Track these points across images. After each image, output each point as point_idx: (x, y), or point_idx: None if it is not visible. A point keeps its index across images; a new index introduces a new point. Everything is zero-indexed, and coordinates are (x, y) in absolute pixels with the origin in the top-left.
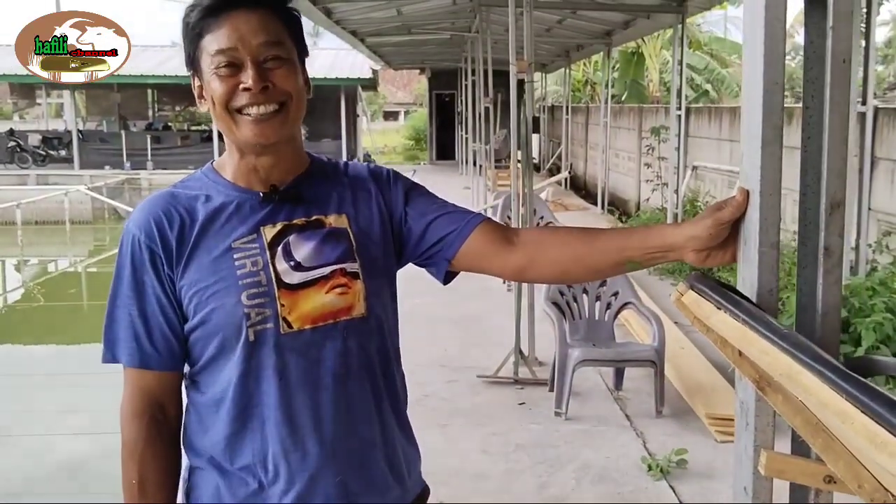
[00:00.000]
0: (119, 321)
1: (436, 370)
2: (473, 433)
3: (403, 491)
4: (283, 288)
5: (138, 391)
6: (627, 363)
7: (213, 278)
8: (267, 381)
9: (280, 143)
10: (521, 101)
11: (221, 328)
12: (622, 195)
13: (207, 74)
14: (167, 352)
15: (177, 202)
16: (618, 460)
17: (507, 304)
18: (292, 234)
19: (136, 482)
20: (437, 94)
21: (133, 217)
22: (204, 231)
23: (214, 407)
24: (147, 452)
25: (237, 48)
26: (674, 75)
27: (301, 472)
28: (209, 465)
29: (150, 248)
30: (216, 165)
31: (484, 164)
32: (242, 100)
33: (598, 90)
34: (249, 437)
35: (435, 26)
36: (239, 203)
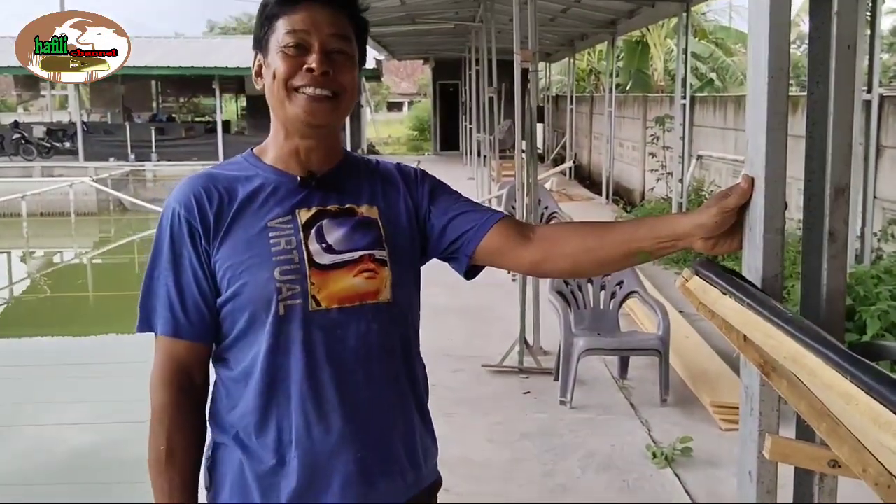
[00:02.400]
0: (156, 291)
1: (441, 360)
2: (479, 422)
3: (418, 477)
4: (314, 267)
5: (169, 360)
6: (632, 352)
7: (248, 254)
8: (294, 355)
9: (324, 129)
10: (526, 90)
11: (253, 301)
12: (627, 185)
13: (273, 52)
14: (199, 323)
15: (216, 181)
16: (622, 448)
17: (512, 295)
18: (325, 219)
19: (164, 448)
20: (441, 84)
21: (174, 193)
22: (242, 209)
23: (243, 381)
24: (175, 419)
25: (309, 32)
26: (678, 64)
27: (323, 447)
28: (233, 442)
29: (189, 223)
30: (256, 151)
31: (488, 155)
32: (302, 79)
33: (602, 80)
34: (275, 410)
35: (439, 16)
36: (276, 185)
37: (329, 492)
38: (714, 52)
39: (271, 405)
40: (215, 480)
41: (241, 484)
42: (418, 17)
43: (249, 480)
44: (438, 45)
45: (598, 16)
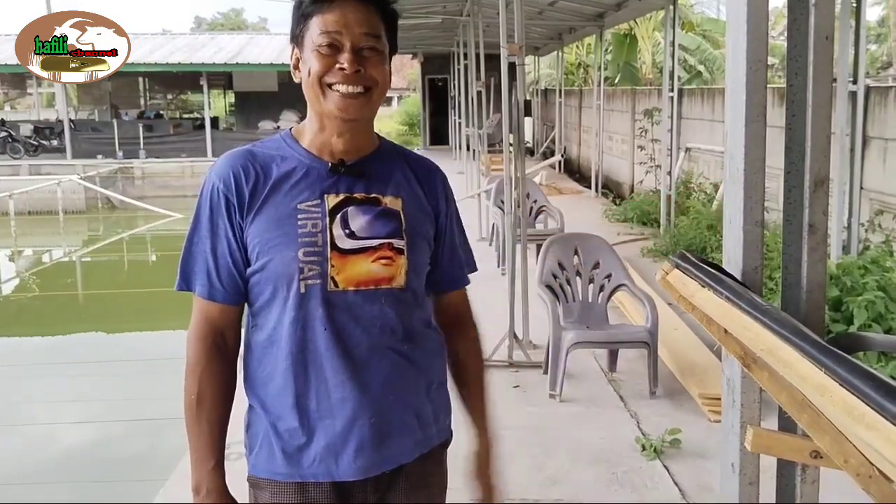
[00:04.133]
0: (195, 256)
1: None
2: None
3: (426, 436)
4: (335, 251)
5: (203, 319)
6: (620, 344)
7: (277, 232)
8: (313, 330)
9: (358, 122)
10: (513, 84)
11: (277, 277)
12: (616, 178)
13: (309, 50)
14: (232, 288)
15: (255, 159)
16: (612, 441)
17: (501, 288)
18: (351, 206)
19: (195, 397)
20: (430, 78)
21: (215, 167)
22: (275, 189)
23: (269, 348)
24: (207, 371)
25: (341, 32)
26: (666, 57)
27: (340, 414)
28: (261, 407)
29: (227, 197)
30: (294, 132)
31: (477, 149)
32: (335, 77)
33: (591, 73)
34: (297, 380)
35: (427, 10)
36: (309, 169)
37: (345, 454)
38: (702, 45)
39: (293, 375)
40: (249, 442)
41: (268, 447)
42: (405, 10)
43: (274, 444)
44: (427, 39)
45: (585, 9)
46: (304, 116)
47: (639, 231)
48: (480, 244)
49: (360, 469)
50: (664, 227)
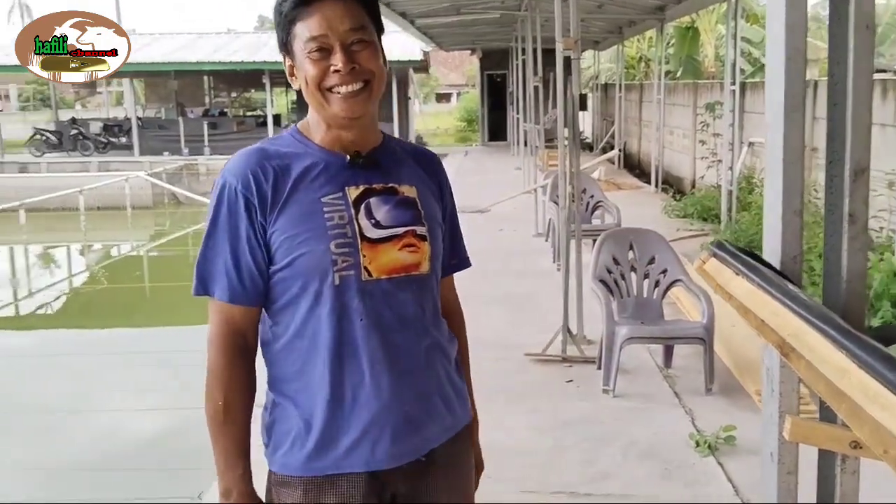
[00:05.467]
0: (213, 260)
1: (483, 348)
2: (521, 410)
3: (454, 421)
4: (365, 241)
5: (225, 323)
6: (676, 340)
7: (305, 227)
8: (348, 320)
9: (364, 118)
10: (568, 79)
11: (309, 271)
12: (677, 173)
13: (300, 57)
14: (253, 290)
15: (269, 157)
16: (665, 437)
17: (556, 283)
18: (372, 197)
19: (222, 403)
20: (489, 74)
21: (229, 168)
22: (296, 186)
23: (298, 343)
24: (232, 376)
25: (327, 35)
26: (728, 49)
27: (375, 402)
28: (291, 400)
29: (246, 197)
30: (302, 128)
31: (535, 145)
32: (333, 80)
33: (652, 67)
34: (333, 371)
35: (484, 5)
36: (326, 164)
37: (381, 442)
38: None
39: (329, 366)
40: (274, 437)
41: (300, 443)
42: (464, 7)
43: (307, 436)
44: (485, 35)
45: (646, 2)
46: None
47: (699, 227)
48: (536, 240)
49: (395, 456)
50: (725, 223)
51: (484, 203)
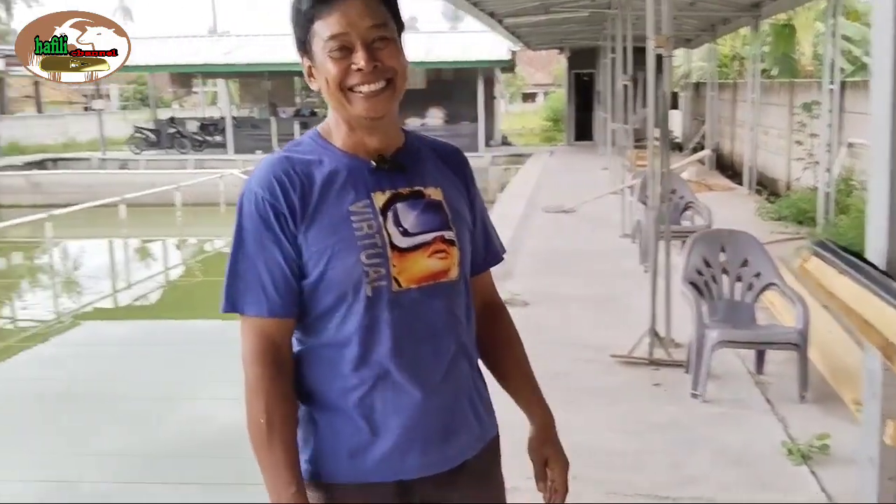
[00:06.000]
0: (243, 275)
1: (568, 349)
2: (607, 411)
3: (483, 432)
4: (394, 250)
5: (260, 337)
6: (768, 345)
7: (334, 238)
8: (380, 332)
9: (386, 117)
10: (659, 77)
11: (341, 283)
12: (771, 174)
13: (320, 57)
14: (288, 301)
15: (294, 165)
16: (756, 444)
17: (642, 285)
18: (399, 203)
19: (265, 420)
20: (576, 73)
21: (254, 178)
22: (323, 194)
23: (330, 353)
24: (271, 391)
25: (348, 33)
26: (827, 48)
27: (406, 413)
28: (322, 410)
29: (274, 207)
30: (323, 132)
31: (623, 145)
32: (355, 79)
33: (745, 65)
34: (364, 382)
35: (573, 4)
36: (350, 170)
37: (412, 452)
38: (867, 35)
39: (358, 376)
40: (303, 445)
41: (329, 450)
42: (553, 5)
43: (337, 447)
44: (573, 33)
45: None
46: (449, 113)
47: (794, 230)
48: (623, 241)
49: (425, 466)
50: (821, 226)
51: (569, 203)
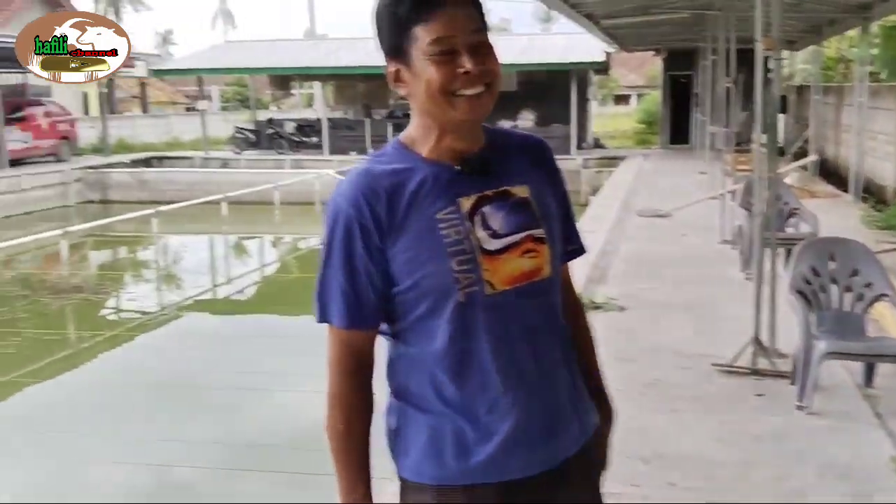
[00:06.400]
0: (329, 287)
1: (666, 356)
2: (707, 420)
3: (583, 429)
4: (484, 254)
5: (345, 347)
6: (879, 358)
7: (423, 247)
8: (476, 337)
9: (479, 120)
10: (767, 80)
11: (433, 291)
12: (879, 181)
13: (419, 61)
14: (372, 314)
15: (379, 179)
16: (864, 458)
17: (743, 293)
18: (486, 205)
19: (344, 426)
20: (672, 75)
21: (340, 193)
22: (409, 205)
23: (426, 357)
24: (353, 400)
25: (454, 36)
26: None
27: (508, 415)
28: (420, 410)
29: (361, 223)
30: (406, 141)
31: (722, 148)
32: (459, 83)
33: (851, 68)
34: (462, 386)
35: (673, 5)
36: (436, 177)
37: (515, 453)
38: None
39: (458, 381)
40: (402, 444)
41: (432, 451)
42: (653, 6)
43: (442, 449)
44: (671, 35)
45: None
46: (541, 115)
47: None
48: (722, 247)
49: (529, 466)
50: None
51: (665, 207)
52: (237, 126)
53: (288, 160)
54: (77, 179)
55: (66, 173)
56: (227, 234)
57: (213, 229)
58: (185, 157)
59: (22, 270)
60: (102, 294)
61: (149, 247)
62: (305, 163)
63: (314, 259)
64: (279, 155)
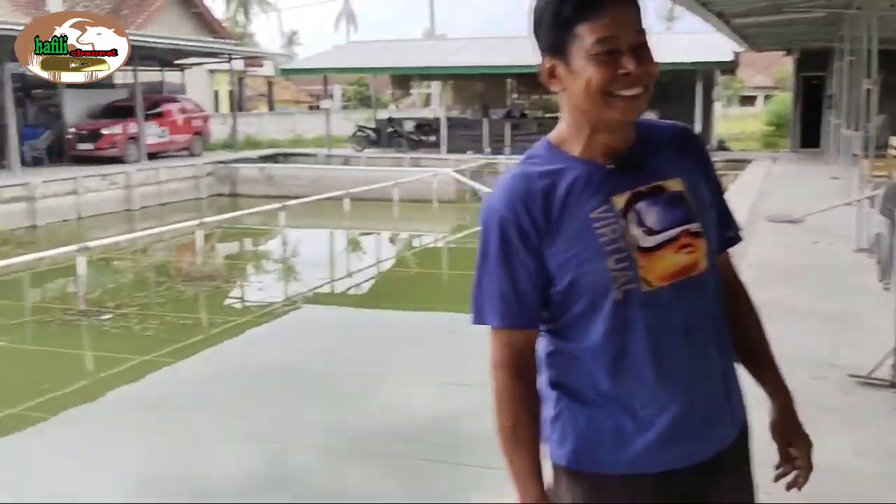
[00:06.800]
0: (488, 289)
1: (800, 365)
2: (843, 432)
3: (735, 419)
4: (640, 251)
5: (506, 347)
6: None
7: (579, 247)
8: (633, 333)
9: (634, 120)
10: None
11: (590, 290)
12: None
13: (579, 59)
14: (531, 314)
15: (534, 180)
16: None
17: (881, 303)
18: (639, 202)
19: (511, 425)
20: (805, 76)
21: (496, 197)
22: (564, 205)
23: (583, 353)
24: (518, 399)
25: (618, 37)
26: None
27: (669, 409)
28: (578, 404)
29: (518, 225)
30: (556, 141)
31: (858, 153)
32: (620, 83)
33: None
34: (619, 381)
35: (808, 4)
36: (589, 176)
37: (673, 444)
38: None
39: (618, 375)
40: (559, 431)
41: (594, 441)
42: (786, 5)
43: (601, 438)
44: (805, 34)
45: None
46: (664, 116)
47: None
48: (858, 255)
49: (686, 457)
50: None
51: (796, 213)
52: (358, 124)
53: (406, 158)
54: (208, 173)
55: (199, 167)
56: (347, 228)
57: (334, 224)
58: (309, 154)
59: (158, 258)
60: (232, 283)
61: (274, 239)
62: (423, 161)
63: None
64: (398, 153)
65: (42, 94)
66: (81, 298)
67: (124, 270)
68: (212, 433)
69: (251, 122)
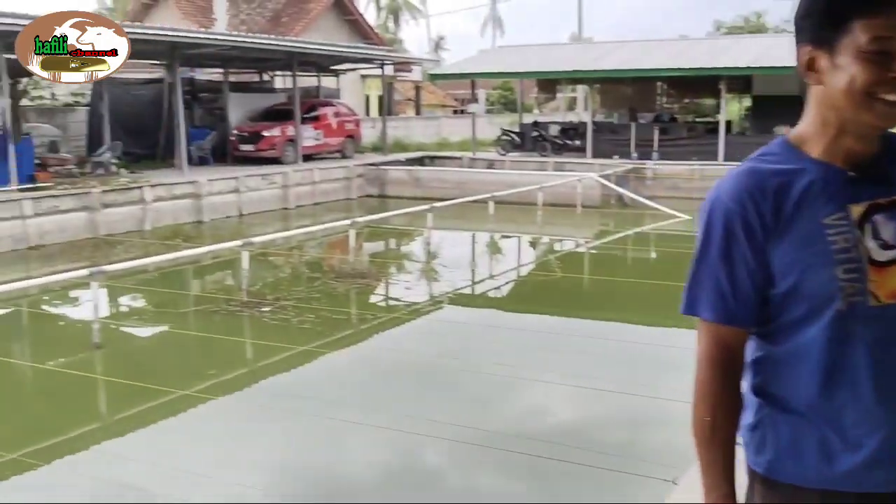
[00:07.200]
0: (704, 282)
1: None
2: None
3: None
4: (872, 265)
5: (715, 342)
6: None
7: (807, 251)
8: (854, 347)
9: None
10: None
11: (813, 297)
12: None
13: (846, 55)
14: (748, 312)
15: (765, 178)
16: None
17: None
18: (877, 214)
19: (710, 420)
20: None
21: (724, 189)
22: (796, 206)
23: (793, 361)
24: (720, 395)
25: (893, 38)
26: None
27: (880, 427)
28: (790, 414)
29: (745, 219)
30: (794, 140)
31: None
32: (886, 87)
33: None
34: (831, 395)
35: None
36: (826, 180)
37: (880, 469)
38: None
39: (831, 388)
40: (757, 438)
41: (796, 452)
42: None
43: (805, 450)
44: None
45: None
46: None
47: None
48: None
49: (890, 483)
50: None
51: None
52: (503, 128)
53: (551, 162)
54: (359, 175)
55: (350, 169)
56: (491, 231)
57: (478, 226)
58: (455, 157)
59: (312, 255)
60: (380, 280)
61: (420, 240)
62: (567, 165)
63: (575, 260)
64: (542, 157)
65: (208, 98)
66: (244, 291)
67: (281, 265)
68: (355, 424)
69: (399, 126)
